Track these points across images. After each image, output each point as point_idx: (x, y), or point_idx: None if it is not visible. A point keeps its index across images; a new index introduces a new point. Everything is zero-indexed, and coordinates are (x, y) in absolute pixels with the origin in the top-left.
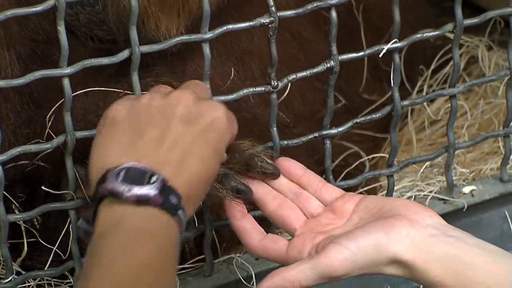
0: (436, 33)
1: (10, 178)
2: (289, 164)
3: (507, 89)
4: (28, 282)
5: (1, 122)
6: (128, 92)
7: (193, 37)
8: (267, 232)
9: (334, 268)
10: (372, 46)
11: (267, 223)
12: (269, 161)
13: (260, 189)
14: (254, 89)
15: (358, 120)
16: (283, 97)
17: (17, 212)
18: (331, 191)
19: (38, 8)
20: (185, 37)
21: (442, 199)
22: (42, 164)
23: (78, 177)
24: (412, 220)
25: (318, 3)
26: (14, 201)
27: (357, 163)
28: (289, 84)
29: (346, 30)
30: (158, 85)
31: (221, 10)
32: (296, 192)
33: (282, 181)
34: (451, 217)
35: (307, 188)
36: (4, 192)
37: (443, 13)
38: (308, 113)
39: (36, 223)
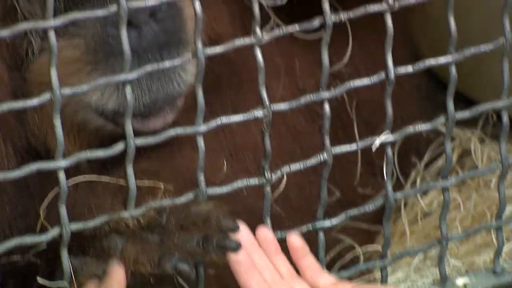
0: (428, 126)
1: (2, 272)
2: (296, 243)
3: (499, 182)
4: None
5: None
6: (120, 180)
7: (188, 130)
8: None
9: None
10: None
11: None
12: (227, 218)
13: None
14: (248, 182)
15: (351, 212)
16: (279, 191)
17: None
18: (326, 279)
19: (34, 102)
20: (179, 130)
21: None
22: (35, 257)
23: (71, 268)
24: None
25: (312, 97)
26: None
27: (351, 256)
28: (285, 177)
29: (340, 125)
30: None
31: (215, 100)
32: (292, 275)
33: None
34: None
35: (305, 271)
36: None
37: (437, 107)
38: (305, 206)
39: None
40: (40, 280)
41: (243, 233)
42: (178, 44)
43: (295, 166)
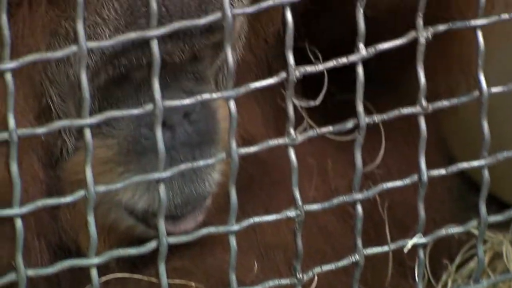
0: (460, 229)
1: None
2: None
3: None
4: None
5: None
6: (152, 278)
7: (220, 229)
8: None
9: None
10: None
11: None
12: None
13: None
14: (279, 282)
15: None
16: None
17: None
18: None
19: (68, 199)
20: (212, 229)
21: None
22: None
23: None
24: None
25: (345, 198)
26: None
27: None
28: (316, 277)
29: (371, 225)
30: None
31: (247, 200)
32: None
33: None
34: None
35: None
36: None
37: (468, 207)
38: None
39: None
40: None
41: None
42: (210, 144)
43: (327, 267)
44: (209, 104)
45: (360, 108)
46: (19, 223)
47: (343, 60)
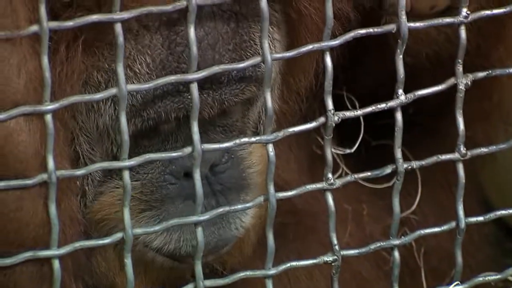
0: (498, 277)
1: None
2: None
3: None
4: None
5: None
6: None
7: (257, 273)
8: None
9: None
10: None
11: None
12: None
13: None
14: None
15: None
16: None
17: None
18: None
19: (106, 241)
20: (249, 273)
21: None
22: None
23: None
24: None
25: (381, 243)
26: None
27: None
28: None
29: (407, 271)
30: None
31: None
32: None
33: None
34: None
35: None
36: None
37: (505, 254)
38: None
39: None
40: None
41: None
42: (239, 190)
43: None
44: (236, 154)
45: (398, 154)
46: (56, 264)
47: (382, 105)
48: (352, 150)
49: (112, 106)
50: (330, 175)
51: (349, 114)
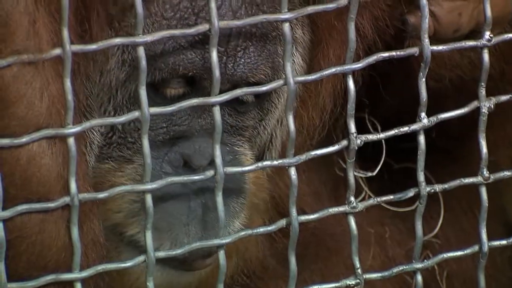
0: None
1: None
2: None
3: None
4: None
5: None
6: None
7: None
8: None
9: None
10: None
11: None
12: None
13: None
14: None
15: None
16: None
17: None
18: None
19: (128, 264)
20: None
21: None
22: None
23: None
24: None
25: (404, 267)
26: None
27: None
28: None
29: None
30: None
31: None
32: None
33: None
34: None
35: None
36: None
37: None
38: None
39: None
40: None
41: None
42: (237, 193)
43: None
44: (240, 156)
45: (421, 177)
46: (79, 287)
47: (405, 129)
48: (374, 173)
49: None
50: (352, 199)
51: (371, 137)
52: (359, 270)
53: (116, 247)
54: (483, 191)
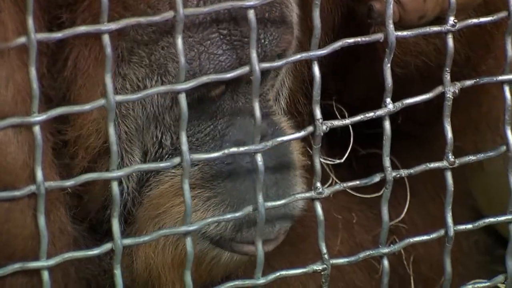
0: (487, 284)
1: None
2: None
3: None
4: None
5: None
6: None
7: (247, 282)
8: None
9: None
10: None
11: None
12: None
13: None
14: None
15: None
16: None
17: None
18: None
19: (95, 251)
20: (238, 282)
21: None
22: None
23: None
24: None
25: (371, 252)
26: None
27: None
28: None
29: (397, 279)
30: None
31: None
32: None
33: None
34: None
35: None
36: None
37: (494, 260)
38: None
39: None
40: None
41: None
42: (290, 167)
43: None
44: (280, 126)
45: (387, 162)
46: (46, 276)
47: (370, 114)
48: (342, 160)
49: (159, 81)
50: (319, 184)
51: (337, 123)
52: (325, 256)
53: None
54: (449, 175)
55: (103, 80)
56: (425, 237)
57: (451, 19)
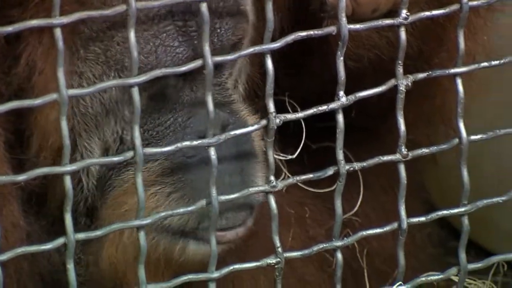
0: (440, 276)
1: None
2: None
3: None
4: None
5: None
6: None
7: (200, 276)
8: None
9: None
10: None
11: None
12: None
13: None
14: None
15: None
16: None
17: None
18: None
19: (48, 246)
20: (192, 276)
21: None
22: None
23: None
24: None
25: (324, 245)
26: None
27: None
28: None
29: (350, 273)
30: None
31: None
32: None
33: None
34: None
35: None
36: None
37: (447, 252)
38: None
39: None
40: None
41: None
42: (253, 155)
43: None
44: (240, 114)
45: (340, 156)
46: None
47: (323, 107)
48: (294, 156)
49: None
50: (272, 178)
51: (290, 116)
52: (279, 249)
53: None
54: (402, 168)
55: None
56: (378, 230)
57: (404, 12)
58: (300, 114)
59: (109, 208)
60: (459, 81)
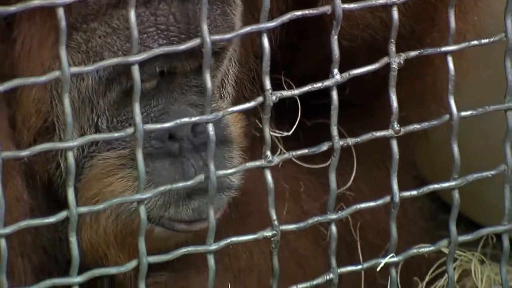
0: (431, 248)
1: None
2: None
3: None
4: None
5: None
6: None
7: (199, 248)
8: None
9: None
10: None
11: None
12: None
13: None
14: None
15: None
16: None
17: None
18: None
19: (51, 219)
20: (191, 248)
21: None
22: None
23: None
24: None
25: (319, 218)
26: None
27: None
28: None
29: (344, 246)
30: None
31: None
32: None
33: None
34: None
35: None
36: None
37: (438, 226)
38: None
39: None
40: None
41: None
42: (221, 146)
43: (302, 286)
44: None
45: (334, 131)
46: (2, 243)
47: (318, 85)
48: (290, 133)
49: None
50: (268, 153)
51: (286, 93)
52: (275, 222)
53: None
54: (394, 143)
55: (44, 62)
56: (371, 204)
57: None
58: (295, 91)
59: (80, 192)
60: (450, 59)
